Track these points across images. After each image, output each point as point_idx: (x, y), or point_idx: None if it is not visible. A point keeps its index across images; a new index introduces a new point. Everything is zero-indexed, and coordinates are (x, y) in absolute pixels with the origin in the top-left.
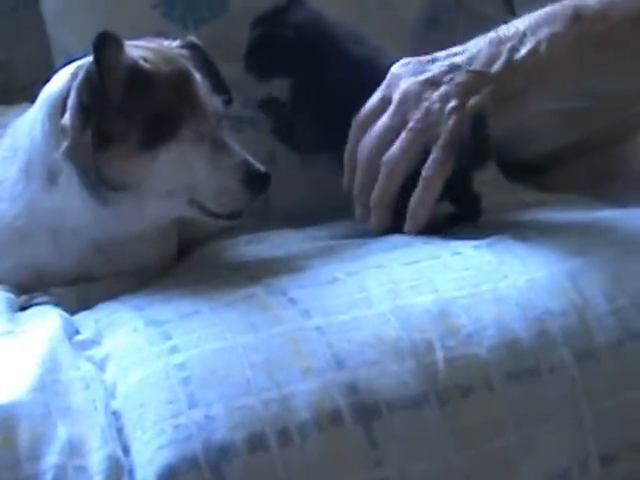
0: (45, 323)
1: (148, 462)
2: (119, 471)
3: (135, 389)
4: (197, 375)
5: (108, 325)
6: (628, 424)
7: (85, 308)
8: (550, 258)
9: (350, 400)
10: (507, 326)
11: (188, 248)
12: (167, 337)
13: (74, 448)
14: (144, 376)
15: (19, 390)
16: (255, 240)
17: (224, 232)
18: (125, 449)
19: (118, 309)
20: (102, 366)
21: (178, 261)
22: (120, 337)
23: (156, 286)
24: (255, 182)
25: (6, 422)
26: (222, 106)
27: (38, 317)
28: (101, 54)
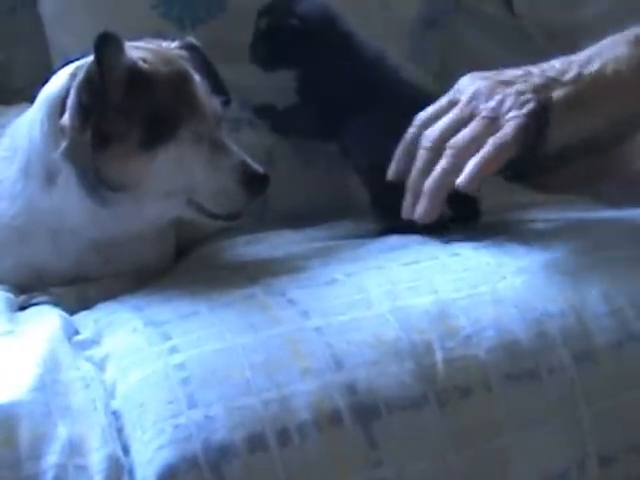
0: (45, 323)
1: (148, 462)
2: (119, 471)
3: (135, 389)
4: (197, 375)
5: (107, 325)
6: (627, 425)
7: (84, 308)
8: (548, 259)
9: (349, 400)
10: (506, 327)
11: (186, 249)
12: (167, 337)
13: (74, 448)
14: (144, 376)
15: (20, 390)
16: (254, 241)
17: (222, 233)
18: (125, 449)
19: (117, 309)
20: (102, 366)
21: (176, 262)
22: (120, 337)
23: (155, 286)
24: (253, 183)
25: (7, 422)
26: (221, 107)
27: (38, 317)
28: (102, 54)
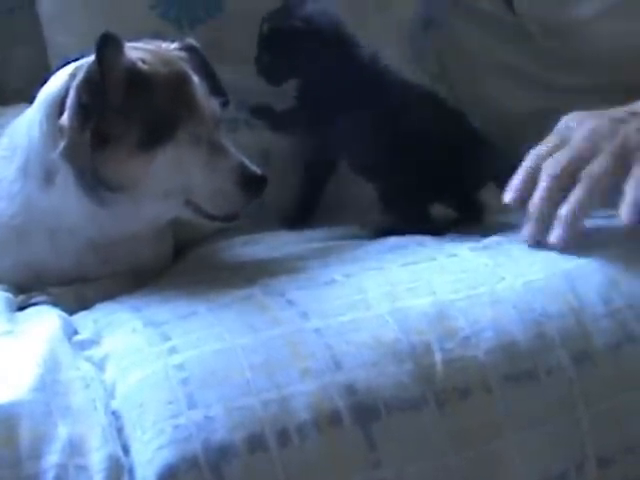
0: (44, 323)
1: (148, 462)
2: (119, 471)
3: (135, 389)
4: (196, 376)
5: (107, 325)
6: (625, 426)
7: (83, 308)
8: (547, 260)
9: (349, 401)
10: (504, 328)
11: (184, 249)
12: (166, 338)
13: (75, 447)
14: (144, 376)
15: (20, 389)
16: (251, 241)
17: (220, 233)
18: (125, 449)
19: (116, 310)
20: (101, 366)
21: (174, 262)
22: (119, 337)
23: (154, 287)
24: (251, 185)
25: (7, 421)
26: (219, 108)
27: (37, 317)
28: (102, 55)
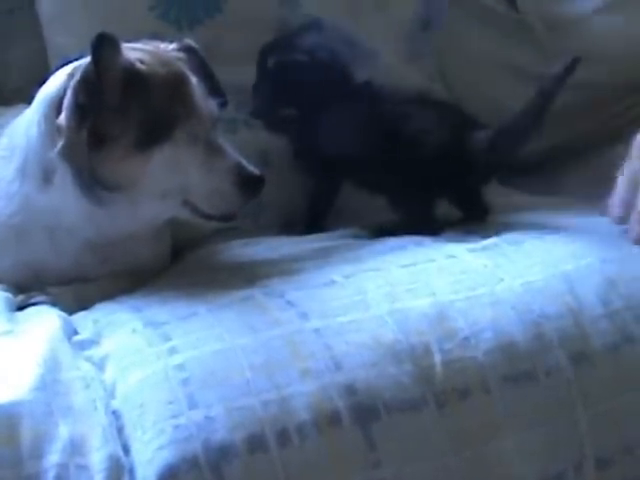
0: (44, 323)
1: (148, 462)
2: (120, 470)
3: (135, 389)
4: (197, 376)
5: (107, 326)
6: (623, 427)
7: (82, 308)
8: (545, 261)
9: (349, 401)
10: (503, 329)
11: (182, 249)
12: (166, 338)
13: (75, 447)
14: (144, 376)
15: (21, 389)
16: (251, 242)
17: (219, 234)
18: (125, 449)
19: (116, 310)
20: (101, 366)
21: (173, 263)
22: (119, 338)
23: (153, 287)
24: (248, 185)
25: (8, 421)
26: (217, 109)
27: (37, 317)
28: (99, 55)
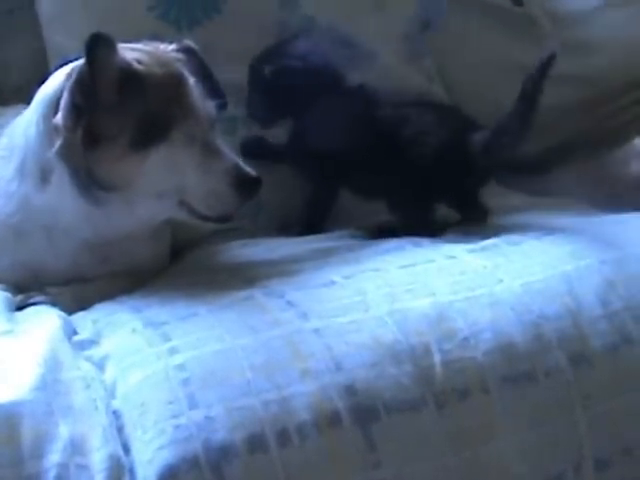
0: (44, 323)
1: (149, 462)
2: (120, 470)
3: (135, 389)
4: (197, 376)
5: (106, 326)
6: (622, 428)
7: (81, 308)
8: (544, 262)
9: (349, 402)
10: (503, 330)
11: (182, 250)
12: (166, 338)
13: (76, 447)
14: (144, 376)
15: (21, 389)
16: (250, 243)
17: (219, 235)
18: (126, 448)
19: (116, 310)
20: (101, 366)
21: (173, 263)
22: (119, 338)
23: (153, 288)
24: (245, 186)
25: (9, 420)
26: (215, 110)
27: (37, 317)
28: (93, 55)
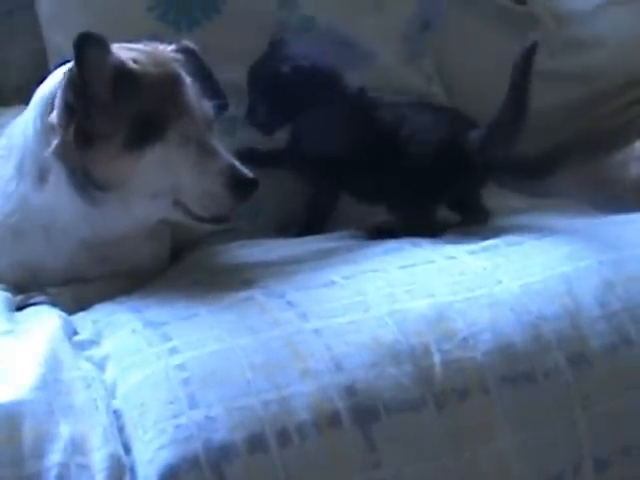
0: (44, 323)
1: (149, 461)
2: (121, 470)
3: (135, 389)
4: (197, 376)
5: (106, 326)
6: (621, 428)
7: (81, 308)
8: (544, 263)
9: (349, 402)
10: (502, 330)
11: (181, 250)
12: (166, 338)
13: (77, 446)
14: (144, 376)
15: (22, 389)
16: (249, 243)
17: (218, 236)
18: (126, 448)
19: (116, 310)
20: (102, 366)
21: (172, 264)
22: (119, 338)
23: (153, 288)
24: (240, 187)
25: (10, 420)
26: (213, 111)
27: (37, 317)
28: (82, 54)
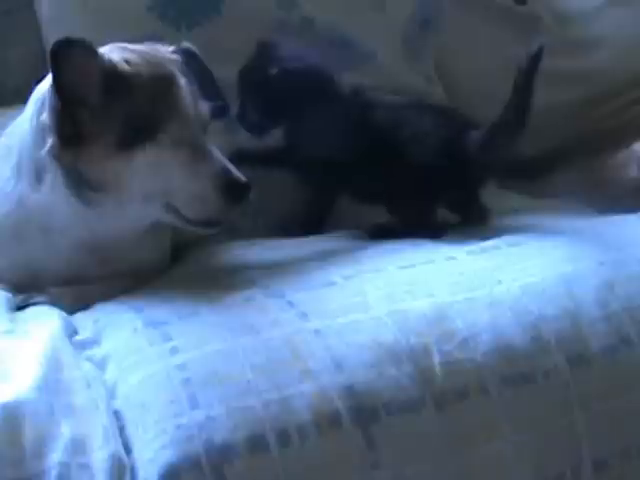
0: (45, 323)
1: (150, 461)
2: (121, 469)
3: (136, 389)
4: (198, 376)
5: (107, 325)
6: (620, 429)
7: (81, 308)
8: (544, 264)
9: (349, 402)
10: (502, 331)
11: (182, 250)
12: (167, 338)
13: (77, 446)
14: (145, 376)
15: (23, 389)
16: (250, 243)
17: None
18: (127, 448)
19: (116, 310)
20: (102, 366)
21: (173, 264)
22: (120, 337)
23: (154, 288)
24: (232, 191)
25: (11, 420)
26: (209, 112)
27: (38, 317)
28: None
